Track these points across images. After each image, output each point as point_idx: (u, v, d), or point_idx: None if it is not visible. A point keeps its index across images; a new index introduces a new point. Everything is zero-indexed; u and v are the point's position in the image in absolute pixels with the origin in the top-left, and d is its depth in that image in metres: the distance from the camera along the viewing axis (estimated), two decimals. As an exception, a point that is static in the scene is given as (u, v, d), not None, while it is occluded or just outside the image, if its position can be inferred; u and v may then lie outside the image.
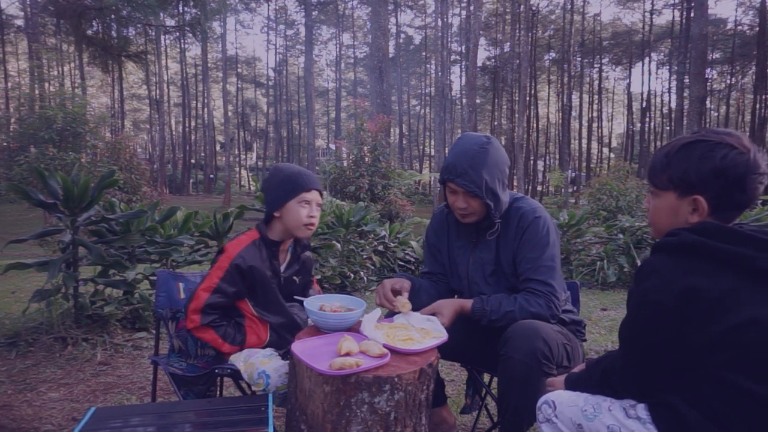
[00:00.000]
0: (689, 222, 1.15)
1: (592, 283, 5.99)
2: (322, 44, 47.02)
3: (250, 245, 1.82)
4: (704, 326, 1.02)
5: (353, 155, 11.15)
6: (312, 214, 1.84)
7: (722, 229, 1.07)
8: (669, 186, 1.17)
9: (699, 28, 16.39)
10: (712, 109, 39.53)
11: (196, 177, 40.26)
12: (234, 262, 1.77)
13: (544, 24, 38.07)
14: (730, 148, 1.10)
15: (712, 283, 1.02)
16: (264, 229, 1.87)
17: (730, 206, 1.13)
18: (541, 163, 42.25)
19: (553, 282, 1.70)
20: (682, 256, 1.07)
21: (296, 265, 1.96)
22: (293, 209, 1.82)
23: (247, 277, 1.79)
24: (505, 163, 1.77)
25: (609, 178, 11.13)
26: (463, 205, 1.74)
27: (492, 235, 1.81)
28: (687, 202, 1.15)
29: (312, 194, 1.84)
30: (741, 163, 1.09)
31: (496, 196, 1.72)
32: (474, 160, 1.69)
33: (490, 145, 1.73)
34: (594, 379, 1.26)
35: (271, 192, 1.86)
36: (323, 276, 4.88)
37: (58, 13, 4.10)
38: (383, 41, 14.78)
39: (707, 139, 1.13)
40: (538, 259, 1.72)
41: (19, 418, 2.35)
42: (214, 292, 1.76)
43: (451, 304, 1.71)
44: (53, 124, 12.29)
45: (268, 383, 1.61)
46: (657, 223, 1.23)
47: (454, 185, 1.72)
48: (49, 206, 3.27)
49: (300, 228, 1.83)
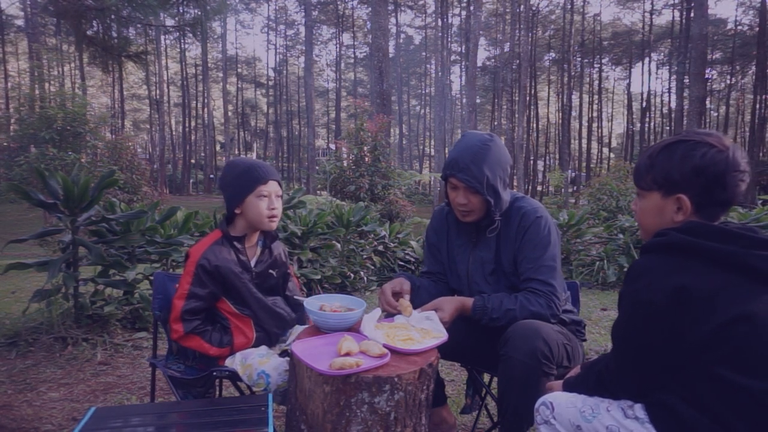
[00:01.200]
0: (675, 221, 1.17)
1: (592, 283, 5.99)
2: (322, 44, 47.01)
3: (212, 245, 1.81)
4: (696, 324, 1.03)
5: (353, 155, 11.15)
6: (272, 206, 1.82)
7: (709, 228, 1.09)
8: (653, 186, 1.20)
9: (699, 28, 16.39)
10: (712, 109, 39.53)
11: (196, 177, 40.23)
12: (199, 263, 1.76)
13: (544, 24, 38.08)
14: (710, 147, 1.13)
15: (702, 281, 1.04)
16: (225, 227, 1.86)
17: (712, 204, 1.15)
18: (541, 163, 42.25)
19: (554, 282, 1.71)
20: (672, 255, 1.09)
21: (268, 258, 1.94)
22: (252, 204, 1.80)
23: (215, 277, 1.78)
24: (507, 161, 1.77)
25: (609, 178, 11.12)
26: (464, 201, 1.74)
27: (492, 233, 1.81)
28: (671, 202, 1.17)
29: (269, 186, 1.82)
30: (720, 160, 1.12)
31: (497, 194, 1.73)
32: (476, 156, 1.69)
33: (493, 143, 1.74)
34: (590, 381, 1.26)
35: (229, 189, 1.84)
36: (323, 276, 4.88)
37: (58, 14, 4.10)
38: (383, 41, 14.78)
39: (688, 139, 1.17)
40: (539, 259, 1.72)
41: (19, 418, 2.35)
42: (188, 297, 1.75)
43: (452, 302, 1.72)
44: (53, 124, 12.28)
45: (268, 382, 1.61)
46: (644, 224, 1.26)
47: (456, 180, 1.73)
48: (49, 206, 3.27)
49: (263, 222, 1.82)
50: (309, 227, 4.95)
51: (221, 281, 1.79)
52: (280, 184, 1.89)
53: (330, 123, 49.05)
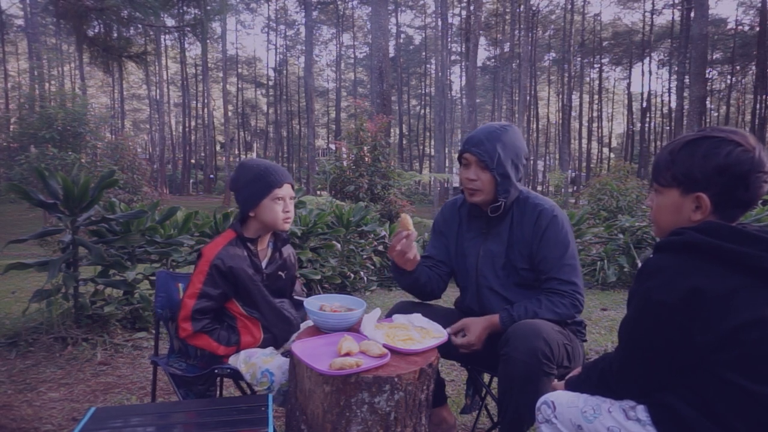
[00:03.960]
0: (692, 220, 1.13)
1: (592, 283, 5.99)
2: (323, 44, 47.03)
3: (227, 246, 1.80)
4: (707, 327, 1.00)
5: (353, 155, 11.15)
6: (287, 209, 1.83)
7: (728, 229, 1.05)
8: (672, 183, 1.15)
9: (699, 28, 16.39)
10: (712, 109, 39.53)
11: (196, 177, 40.22)
12: (213, 263, 1.75)
13: (544, 24, 38.10)
14: (735, 145, 1.09)
15: (717, 283, 1.00)
16: (239, 228, 1.85)
17: (733, 204, 1.11)
18: (541, 163, 42.25)
19: (576, 280, 1.74)
20: (687, 255, 1.05)
21: (278, 260, 1.94)
22: (268, 207, 1.80)
23: (228, 278, 1.77)
24: (522, 149, 1.80)
25: (609, 178, 11.11)
26: (473, 177, 1.77)
27: (495, 212, 1.80)
28: (690, 200, 1.13)
29: (284, 189, 1.82)
30: (746, 160, 1.07)
31: (506, 175, 1.74)
32: (491, 135, 1.76)
33: (511, 128, 1.80)
34: (592, 381, 1.25)
35: (242, 191, 1.83)
36: (323, 276, 4.88)
37: (58, 14, 4.10)
38: (383, 41, 14.78)
39: (712, 136, 1.12)
40: (560, 258, 1.74)
41: (19, 418, 2.35)
42: (200, 297, 1.75)
43: (479, 323, 1.72)
44: (53, 124, 12.29)
45: (272, 381, 1.61)
46: (660, 222, 1.22)
47: (469, 155, 1.77)
48: (49, 206, 3.26)
49: (279, 223, 1.83)
50: (309, 227, 4.96)
51: (233, 282, 1.79)
52: (293, 186, 1.90)
53: (330, 123, 49.06)
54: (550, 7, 37.55)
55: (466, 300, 1.93)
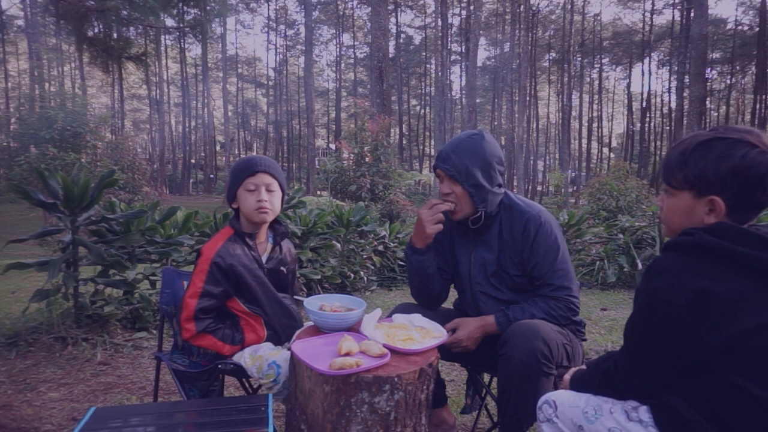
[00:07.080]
0: (705, 222, 1.10)
1: (592, 283, 5.99)
2: (323, 44, 47.03)
3: (225, 243, 1.79)
4: (715, 329, 0.98)
5: (354, 155, 11.16)
6: (261, 198, 1.79)
7: (740, 232, 1.02)
8: (685, 185, 1.12)
9: (699, 28, 16.38)
10: (712, 109, 39.49)
11: (196, 177, 40.21)
12: (213, 261, 1.75)
13: (544, 24, 38.10)
14: (751, 147, 1.05)
15: (726, 286, 0.98)
16: (236, 223, 1.86)
17: (748, 207, 1.08)
18: (541, 163, 42.26)
19: (570, 285, 1.74)
20: (696, 256, 1.02)
21: (278, 254, 1.94)
22: (243, 197, 1.81)
23: (230, 275, 1.77)
24: (494, 155, 1.76)
25: (609, 178, 11.11)
26: (448, 191, 1.78)
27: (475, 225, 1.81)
28: (704, 203, 1.10)
29: (258, 177, 1.80)
30: (763, 162, 1.04)
31: (478, 185, 1.73)
32: (458, 147, 1.75)
33: (479, 137, 1.77)
34: (596, 379, 1.24)
35: (227, 186, 1.87)
36: (323, 276, 4.88)
37: (59, 14, 4.10)
38: (383, 41, 14.77)
39: (726, 137, 1.08)
40: (552, 264, 1.73)
41: (19, 418, 2.35)
42: (202, 296, 1.73)
43: (472, 322, 1.73)
44: (53, 124, 12.29)
45: (279, 373, 1.60)
46: (670, 223, 1.19)
47: (440, 170, 1.78)
48: (49, 206, 3.26)
49: (253, 214, 1.80)
50: (309, 227, 4.96)
51: (235, 279, 1.78)
52: (275, 176, 1.85)
53: (330, 123, 49.05)
54: (550, 7, 37.59)
55: (463, 303, 1.95)
